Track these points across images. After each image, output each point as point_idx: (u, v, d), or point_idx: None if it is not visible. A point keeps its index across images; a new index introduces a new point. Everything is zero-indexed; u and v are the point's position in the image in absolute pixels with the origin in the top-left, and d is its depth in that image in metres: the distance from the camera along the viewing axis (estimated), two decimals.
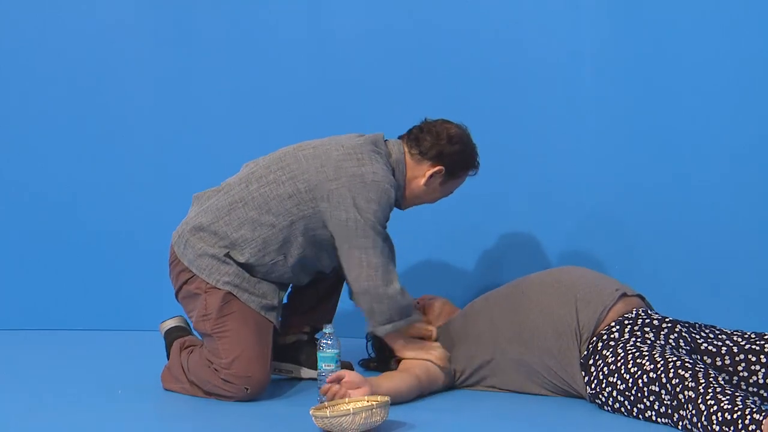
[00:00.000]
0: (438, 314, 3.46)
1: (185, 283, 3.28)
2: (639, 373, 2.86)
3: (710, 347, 3.01)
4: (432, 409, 3.07)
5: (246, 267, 3.22)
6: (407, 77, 4.04)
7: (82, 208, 4.36)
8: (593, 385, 3.00)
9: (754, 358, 2.95)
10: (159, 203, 4.13)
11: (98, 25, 4.31)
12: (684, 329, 3.05)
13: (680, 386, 2.73)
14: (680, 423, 2.75)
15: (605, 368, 2.97)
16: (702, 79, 3.74)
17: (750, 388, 2.94)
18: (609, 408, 2.98)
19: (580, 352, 3.06)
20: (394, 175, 3.24)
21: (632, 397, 2.89)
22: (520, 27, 3.92)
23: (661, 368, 2.80)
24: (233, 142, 4.17)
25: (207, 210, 3.26)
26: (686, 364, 2.78)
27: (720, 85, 3.72)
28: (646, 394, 2.84)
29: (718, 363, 2.97)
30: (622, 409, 2.93)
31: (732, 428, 2.57)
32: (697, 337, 3.05)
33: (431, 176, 3.28)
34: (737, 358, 2.96)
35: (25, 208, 4.39)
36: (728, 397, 2.63)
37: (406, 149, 3.29)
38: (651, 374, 2.83)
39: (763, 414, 2.55)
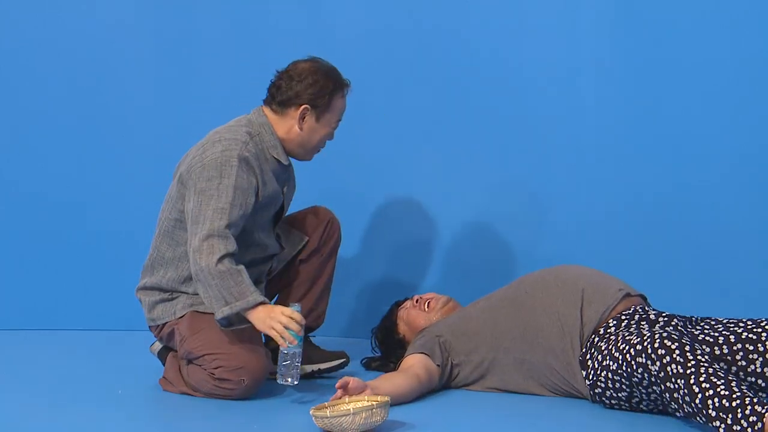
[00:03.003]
0: (440, 310, 3.46)
1: (158, 333, 3.38)
2: (627, 348, 2.85)
3: (707, 338, 2.99)
4: (432, 409, 3.07)
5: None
6: (407, 77, 4.04)
7: (82, 208, 4.35)
8: (591, 376, 3.00)
9: (751, 347, 2.92)
10: (159, 203, 4.11)
11: (98, 25, 4.30)
12: (680, 323, 3.05)
13: (667, 357, 2.71)
14: (669, 395, 2.72)
15: (599, 356, 2.97)
16: (702, 79, 3.74)
17: (748, 378, 2.92)
18: (609, 394, 2.97)
19: (581, 350, 3.06)
20: (263, 140, 3.25)
21: (624, 374, 2.87)
22: (521, 27, 3.92)
23: (648, 340, 2.78)
24: None
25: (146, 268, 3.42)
26: (672, 336, 2.75)
27: (720, 86, 3.72)
28: (634, 367, 2.82)
29: (717, 352, 2.95)
30: (620, 395, 2.93)
31: (731, 416, 2.55)
32: (693, 330, 3.04)
33: (302, 119, 3.27)
34: (735, 348, 2.94)
35: (25, 208, 4.38)
36: (722, 380, 2.61)
37: (267, 111, 3.31)
38: (637, 346, 2.81)
39: (764, 406, 2.53)
